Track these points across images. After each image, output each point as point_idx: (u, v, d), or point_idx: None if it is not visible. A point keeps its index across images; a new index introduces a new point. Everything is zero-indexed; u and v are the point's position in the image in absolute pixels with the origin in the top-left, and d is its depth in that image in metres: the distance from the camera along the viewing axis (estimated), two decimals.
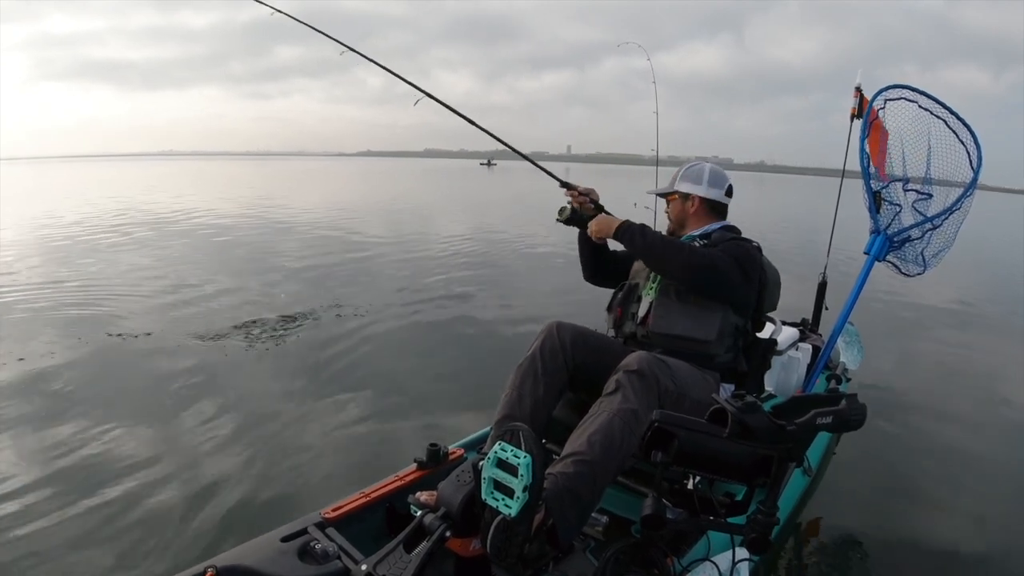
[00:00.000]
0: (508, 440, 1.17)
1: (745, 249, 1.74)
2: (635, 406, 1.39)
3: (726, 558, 1.31)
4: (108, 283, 5.95)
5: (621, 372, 1.46)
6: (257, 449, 2.63)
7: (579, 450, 1.35)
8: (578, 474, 1.32)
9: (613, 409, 1.39)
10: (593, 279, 2.02)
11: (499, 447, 1.16)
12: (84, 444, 2.64)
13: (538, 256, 8.31)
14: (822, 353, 2.41)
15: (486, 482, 1.17)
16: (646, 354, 1.50)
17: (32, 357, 3.69)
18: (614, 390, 1.43)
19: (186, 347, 3.98)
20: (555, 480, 1.30)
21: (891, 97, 2.26)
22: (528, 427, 1.18)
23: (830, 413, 1.11)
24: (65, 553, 1.93)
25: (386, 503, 1.65)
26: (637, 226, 1.74)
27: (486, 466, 1.17)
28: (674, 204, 1.90)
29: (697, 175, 1.88)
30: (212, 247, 8.41)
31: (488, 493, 1.17)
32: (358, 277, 6.36)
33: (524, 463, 1.11)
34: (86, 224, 10.72)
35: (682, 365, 1.59)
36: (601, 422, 1.38)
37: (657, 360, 1.49)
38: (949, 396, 3.65)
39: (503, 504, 1.14)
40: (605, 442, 1.35)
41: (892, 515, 2.29)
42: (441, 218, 13.68)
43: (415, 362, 3.82)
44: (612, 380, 1.46)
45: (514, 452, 1.14)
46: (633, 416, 1.38)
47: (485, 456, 1.19)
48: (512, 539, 1.15)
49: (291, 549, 1.38)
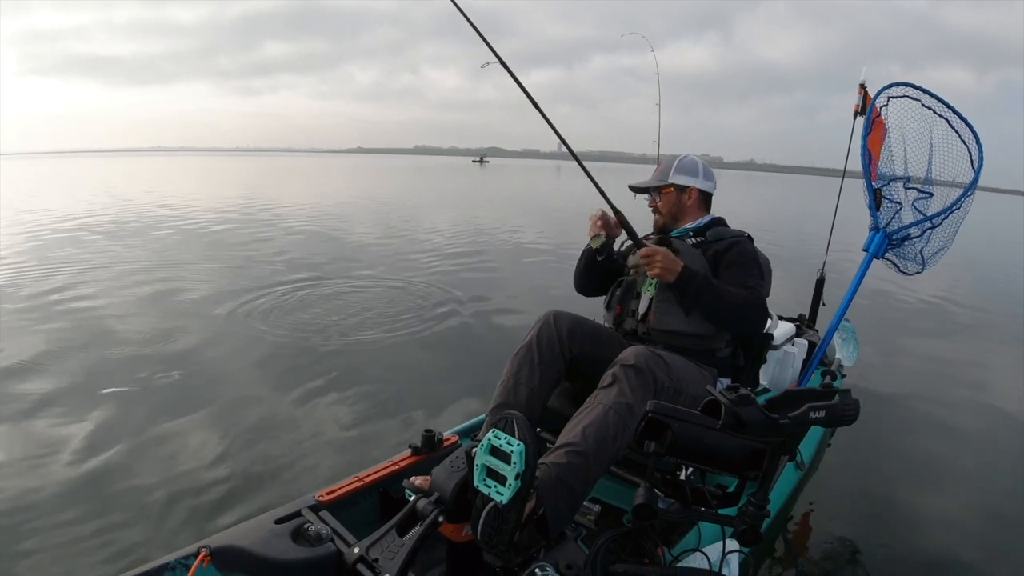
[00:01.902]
0: (502, 428, 1.17)
1: (754, 256, 1.77)
2: (630, 400, 1.39)
3: (716, 549, 1.32)
4: (95, 275, 5.94)
5: (618, 366, 1.46)
6: (252, 433, 2.63)
7: (573, 441, 1.35)
8: (571, 465, 1.32)
9: (608, 402, 1.39)
10: (587, 292, 1.99)
11: (493, 434, 1.17)
12: (77, 432, 2.65)
13: (534, 251, 8.30)
14: (818, 349, 2.41)
15: (479, 469, 1.17)
16: (643, 349, 1.50)
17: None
18: (610, 383, 1.43)
19: (182, 333, 3.99)
20: (547, 470, 1.31)
21: (894, 95, 2.25)
22: (522, 415, 1.18)
23: (823, 407, 1.11)
24: (58, 534, 1.94)
25: (380, 487, 1.66)
26: (701, 275, 1.65)
27: (479, 453, 1.17)
28: (668, 196, 1.88)
29: (692, 167, 1.88)
30: (204, 241, 8.33)
31: (480, 480, 1.17)
32: (353, 271, 6.34)
33: (517, 451, 1.12)
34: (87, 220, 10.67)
35: (679, 361, 1.59)
36: (596, 414, 1.38)
37: (654, 355, 1.49)
38: (943, 393, 3.66)
39: (495, 491, 1.14)
40: (599, 434, 1.35)
41: (883, 510, 2.30)
42: (436, 214, 13.61)
43: (411, 350, 3.82)
44: (608, 374, 1.46)
45: (507, 440, 1.14)
46: (628, 410, 1.38)
47: (479, 443, 1.19)
48: (503, 526, 1.15)
49: (285, 531, 1.39)
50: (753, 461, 1.13)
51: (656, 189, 1.90)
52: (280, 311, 4.54)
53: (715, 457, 1.13)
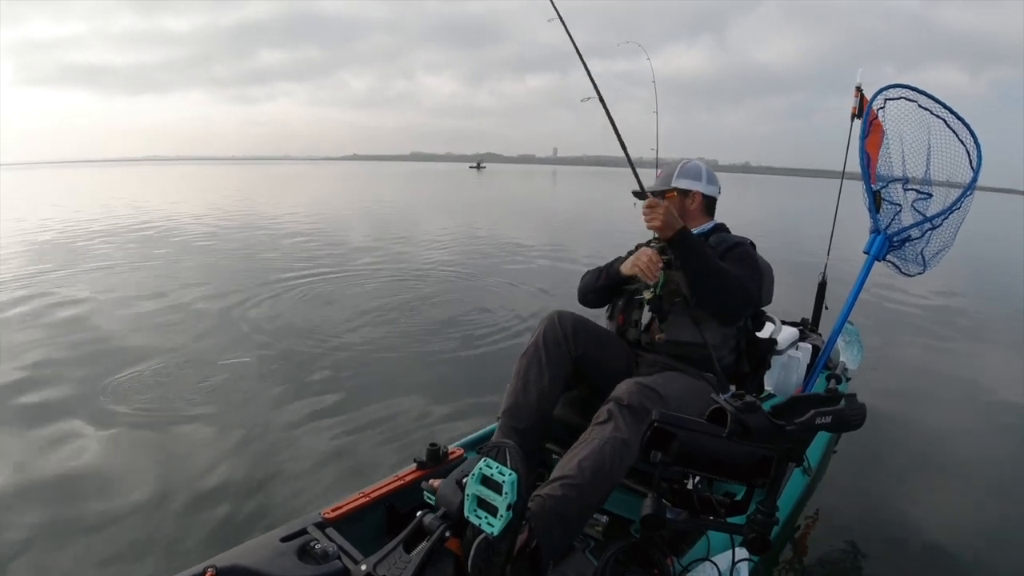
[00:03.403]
0: (493, 456, 1.14)
1: (753, 258, 1.77)
2: (625, 436, 1.39)
3: (726, 558, 1.31)
4: (95, 291, 5.95)
5: (612, 403, 1.46)
6: (256, 450, 2.62)
7: (569, 474, 1.35)
8: (565, 497, 1.31)
9: (604, 437, 1.39)
10: (592, 306, 1.96)
11: (484, 463, 1.14)
12: (79, 446, 2.64)
13: (535, 257, 8.30)
14: (822, 353, 2.41)
15: (469, 499, 1.14)
16: (636, 386, 1.48)
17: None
18: (606, 419, 1.43)
19: (183, 348, 3.98)
20: (542, 502, 1.30)
21: (891, 96, 2.26)
22: (514, 444, 1.16)
23: (829, 413, 1.11)
24: (64, 553, 1.93)
25: (386, 503, 1.64)
26: (697, 239, 1.65)
27: (470, 482, 1.14)
28: (671, 202, 1.85)
29: (696, 171, 1.88)
30: (204, 253, 8.35)
31: (471, 510, 1.14)
32: (353, 280, 6.35)
33: (509, 480, 1.09)
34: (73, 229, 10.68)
35: (674, 383, 1.56)
36: (592, 448, 1.38)
37: (647, 390, 1.47)
38: (949, 396, 3.65)
39: (486, 522, 1.11)
40: (595, 467, 1.35)
41: (892, 514, 2.29)
42: (442, 220, 13.66)
43: (414, 363, 3.81)
44: (603, 410, 1.46)
45: (499, 469, 1.11)
46: (624, 446, 1.38)
47: (470, 473, 1.16)
48: (494, 558, 1.12)
49: (291, 549, 1.38)
50: (761, 468, 1.12)
51: (659, 194, 1.88)
52: (283, 318, 4.53)
53: (722, 465, 1.12)
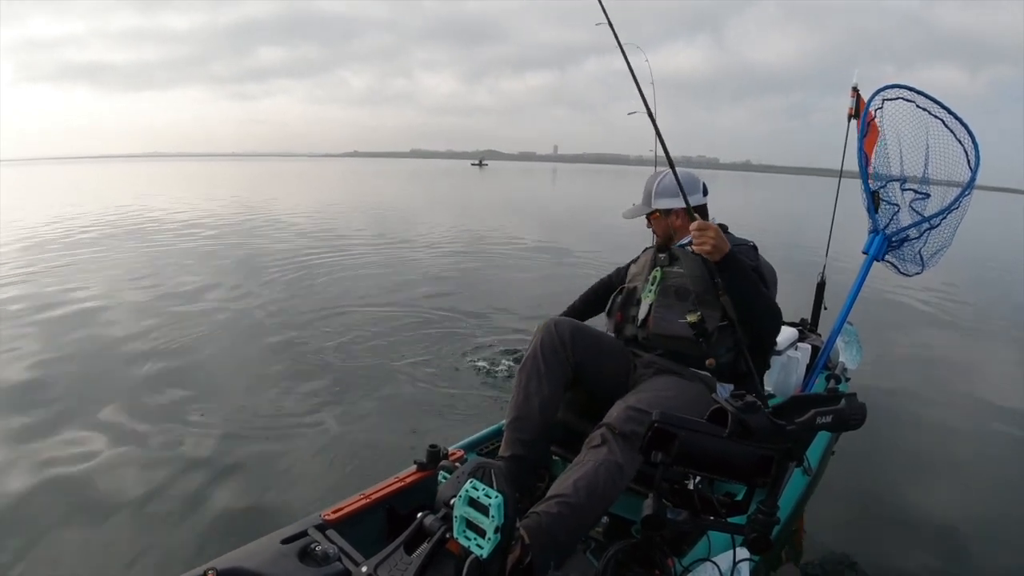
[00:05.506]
0: (480, 478, 1.15)
1: (755, 264, 1.76)
2: (620, 460, 1.42)
3: (727, 558, 1.31)
4: (96, 285, 5.94)
5: (605, 428, 1.48)
6: (256, 451, 2.62)
7: (564, 493, 1.37)
8: (560, 515, 1.33)
9: (599, 459, 1.42)
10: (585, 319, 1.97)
11: (471, 484, 1.15)
12: (79, 449, 2.64)
13: (536, 256, 8.31)
14: (821, 353, 2.41)
15: (458, 520, 1.15)
16: (628, 411, 1.49)
17: None
18: (599, 443, 1.46)
19: (184, 348, 3.98)
20: (537, 519, 1.31)
21: (888, 97, 2.26)
22: (500, 464, 1.18)
23: (830, 412, 1.11)
24: (61, 557, 1.93)
25: (386, 505, 1.64)
26: (744, 261, 1.67)
27: (458, 504, 1.15)
28: (657, 221, 1.88)
29: (671, 188, 1.81)
30: (202, 250, 8.37)
31: (460, 532, 1.15)
32: (354, 282, 6.34)
33: (495, 503, 1.10)
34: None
35: (666, 394, 1.58)
36: (587, 470, 1.41)
37: (639, 413, 1.48)
38: (949, 395, 3.65)
39: (475, 544, 1.12)
40: (590, 488, 1.37)
41: (892, 513, 2.29)
42: (452, 219, 13.63)
43: (414, 364, 3.81)
44: (597, 434, 1.48)
45: (485, 491, 1.12)
46: (618, 469, 1.41)
47: (457, 495, 1.16)
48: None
49: (291, 551, 1.37)
50: (761, 468, 1.12)
51: (645, 215, 1.90)
52: (283, 317, 4.53)
53: (723, 465, 1.12)
